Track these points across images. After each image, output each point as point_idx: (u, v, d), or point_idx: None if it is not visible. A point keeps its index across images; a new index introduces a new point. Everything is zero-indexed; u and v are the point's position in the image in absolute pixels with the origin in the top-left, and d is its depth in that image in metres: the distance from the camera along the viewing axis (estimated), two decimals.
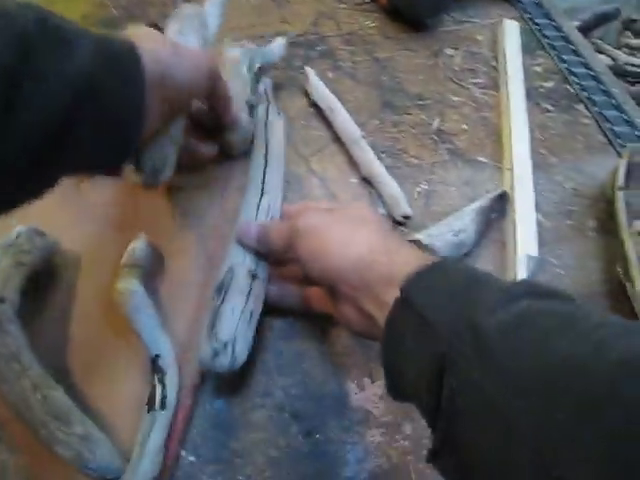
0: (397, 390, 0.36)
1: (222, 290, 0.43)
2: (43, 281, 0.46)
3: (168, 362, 0.41)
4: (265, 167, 0.52)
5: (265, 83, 0.60)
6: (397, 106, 0.64)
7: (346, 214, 0.42)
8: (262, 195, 0.49)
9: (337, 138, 0.59)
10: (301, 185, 0.55)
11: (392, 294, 0.34)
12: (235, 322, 0.41)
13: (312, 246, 0.40)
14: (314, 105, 0.61)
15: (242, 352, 0.41)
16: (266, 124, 0.56)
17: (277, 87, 0.63)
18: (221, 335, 0.41)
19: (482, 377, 0.27)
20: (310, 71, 0.62)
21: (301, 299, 0.46)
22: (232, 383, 0.44)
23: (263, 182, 0.50)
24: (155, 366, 0.41)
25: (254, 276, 0.44)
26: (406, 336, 0.33)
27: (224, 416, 0.43)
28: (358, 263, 0.38)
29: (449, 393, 0.29)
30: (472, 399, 0.28)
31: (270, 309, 0.46)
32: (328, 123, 0.60)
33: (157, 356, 0.41)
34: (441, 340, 0.30)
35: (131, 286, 0.43)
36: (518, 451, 0.25)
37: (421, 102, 0.65)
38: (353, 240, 0.39)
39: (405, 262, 0.36)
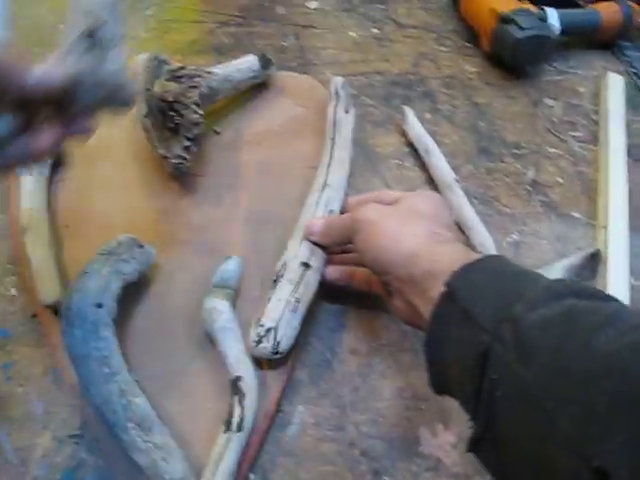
0: (439, 383, 0.37)
1: (275, 283, 0.46)
2: (134, 290, 0.48)
3: (249, 385, 0.42)
4: (329, 163, 0.54)
5: (337, 82, 0.61)
6: (493, 153, 0.63)
7: (403, 208, 0.45)
8: (324, 189, 0.52)
9: (430, 180, 0.59)
10: None
11: (437, 289, 0.35)
12: (280, 310, 0.44)
13: (367, 239, 0.43)
14: (410, 145, 0.62)
15: (286, 339, 0.44)
16: (335, 122, 0.57)
17: (375, 124, 0.64)
18: (264, 321, 0.44)
19: (522, 370, 0.28)
20: (409, 111, 0.63)
21: (350, 277, 0.49)
22: (304, 413, 0.45)
23: (326, 176, 0.53)
24: (236, 387, 0.41)
25: (307, 265, 0.47)
26: (450, 329, 0.34)
27: (295, 444, 0.44)
28: (406, 258, 0.39)
29: (490, 384, 0.30)
30: (512, 391, 0.29)
31: (352, 350, 0.47)
32: (422, 164, 0.61)
33: (239, 378, 0.42)
34: (484, 332, 0.31)
35: (220, 306, 0.44)
36: (557, 442, 0.26)
37: (517, 151, 0.64)
38: (403, 235, 0.41)
39: (450, 259, 0.36)
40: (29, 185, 0.52)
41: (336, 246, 0.49)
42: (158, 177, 0.55)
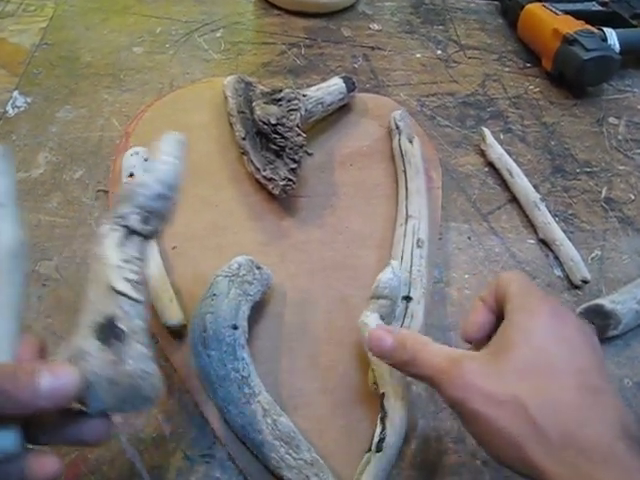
0: None
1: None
2: (254, 311, 0.49)
3: (394, 405, 0.42)
4: (406, 195, 0.56)
5: (395, 115, 0.63)
6: (567, 171, 0.66)
7: (540, 360, 0.32)
8: (407, 221, 0.54)
9: (513, 198, 0.61)
10: (481, 242, 0.58)
11: None
12: None
13: (498, 436, 0.31)
14: (489, 164, 0.64)
15: None
16: (402, 154, 0.59)
17: (454, 144, 0.66)
18: None
19: None
20: (487, 132, 0.65)
21: None
22: (425, 427, 0.46)
23: (406, 208, 0.55)
24: (380, 405, 0.43)
25: (408, 299, 0.49)
26: None
27: (420, 458, 0.45)
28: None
29: None
30: None
31: None
32: (503, 183, 0.63)
33: (383, 394, 0.43)
34: None
35: (367, 319, 0.44)
36: None
37: (589, 169, 0.67)
38: (579, 431, 0.29)
39: None
40: None
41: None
42: (256, 198, 0.57)
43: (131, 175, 0.54)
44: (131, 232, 0.32)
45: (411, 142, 0.60)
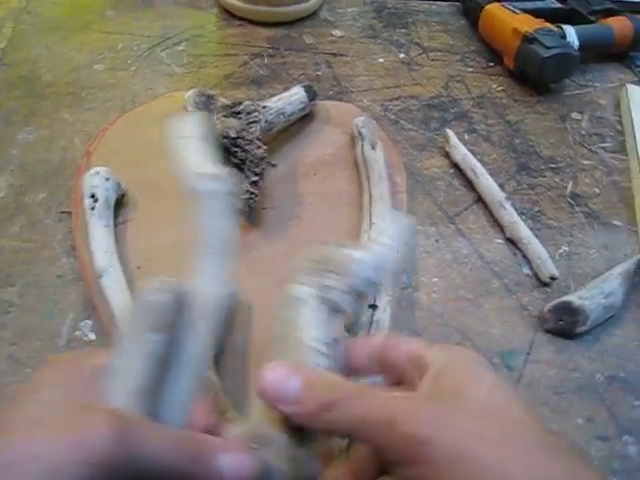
0: None
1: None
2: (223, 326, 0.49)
3: None
4: (370, 202, 0.56)
5: (357, 122, 0.62)
6: (532, 169, 0.66)
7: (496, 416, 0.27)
8: (371, 227, 0.54)
9: (479, 199, 0.62)
10: (448, 244, 0.58)
11: None
12: None
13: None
14: (454, 166, 0.64)
15: None
16: (365, 161, 0.59)
17: (418, 148, 0.66)
18: None
19: None
20: (451, 133, 0.65)
21: None
22: None
23: (370, 215, 0.55)
24: None
25: (374, 307, 0.47)
26: None
27: None
28: None
29: None
30: None
31: None
32: (469, 184, 0.63)
33: None
34: None
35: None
36: None
37: (554, 165, 0.67)
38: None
39: None
40: (97, 228, 0.53)
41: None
42: None
43: (92, 196, 0.53)
44: (336, 310, 0.30)
45: (374, 148, 0.60)
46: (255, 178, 0.53)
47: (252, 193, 0.53)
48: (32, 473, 0.22)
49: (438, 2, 0.90)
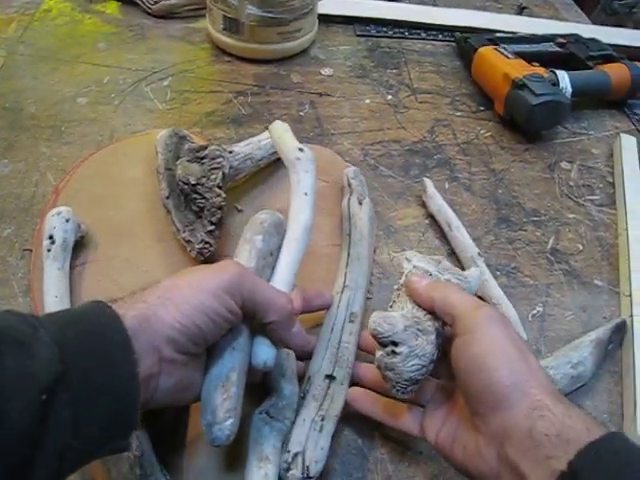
0: None
1: (302, 399, 0.45)
2: None
3: None
4: (347, 262, 0.54)
5: (348, 173, 0.61)
6: (513, 222, 0.64)
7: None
8: (343, 290, 0.51)
9: (453, 252, 0.59)
10: None
11: (562, 462, 0.31)
12: (305, 432, 0.42)
13: (488, 352, 0.36)
14: (430, 216, 0.62)
15: (315, 462, 0.41)
16: (349, 216, 0.57)
17: (395, 195, 0.64)
18: (290, 447, 0.42)
19: None
20: (429, 183, 0.63)
21: (372, 403, 0.45)
22: None
23: (345, 277, 0.53)
24: None
25: (331, 378, 0.46)
26: None
27: None
28: (535, 405, 0.34)
29: None
30: None
31: None
32: (444, 236, 0.61)
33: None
34: None
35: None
36: None
37: (536, 218, 0.65)
38: (535, 373, 0.36)
39: (584, 427, 0.33)
40: (51, 271, 0.52)
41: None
42: (182, 258, 0.55)
43: (50, 237, 0.53)
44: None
45: (360, 203, 0.59)
46: (211, 227, 0.52)
47: (207, 242, 0.52)
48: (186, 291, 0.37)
49: (433, 42, 0.88)
